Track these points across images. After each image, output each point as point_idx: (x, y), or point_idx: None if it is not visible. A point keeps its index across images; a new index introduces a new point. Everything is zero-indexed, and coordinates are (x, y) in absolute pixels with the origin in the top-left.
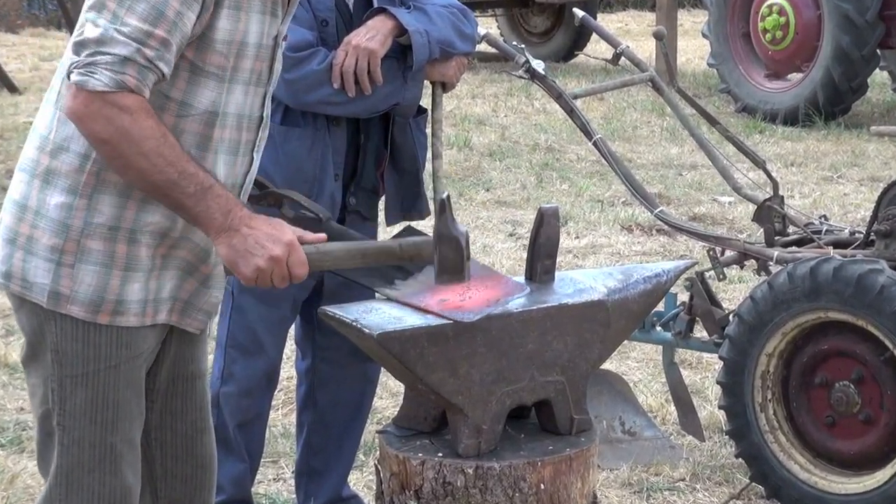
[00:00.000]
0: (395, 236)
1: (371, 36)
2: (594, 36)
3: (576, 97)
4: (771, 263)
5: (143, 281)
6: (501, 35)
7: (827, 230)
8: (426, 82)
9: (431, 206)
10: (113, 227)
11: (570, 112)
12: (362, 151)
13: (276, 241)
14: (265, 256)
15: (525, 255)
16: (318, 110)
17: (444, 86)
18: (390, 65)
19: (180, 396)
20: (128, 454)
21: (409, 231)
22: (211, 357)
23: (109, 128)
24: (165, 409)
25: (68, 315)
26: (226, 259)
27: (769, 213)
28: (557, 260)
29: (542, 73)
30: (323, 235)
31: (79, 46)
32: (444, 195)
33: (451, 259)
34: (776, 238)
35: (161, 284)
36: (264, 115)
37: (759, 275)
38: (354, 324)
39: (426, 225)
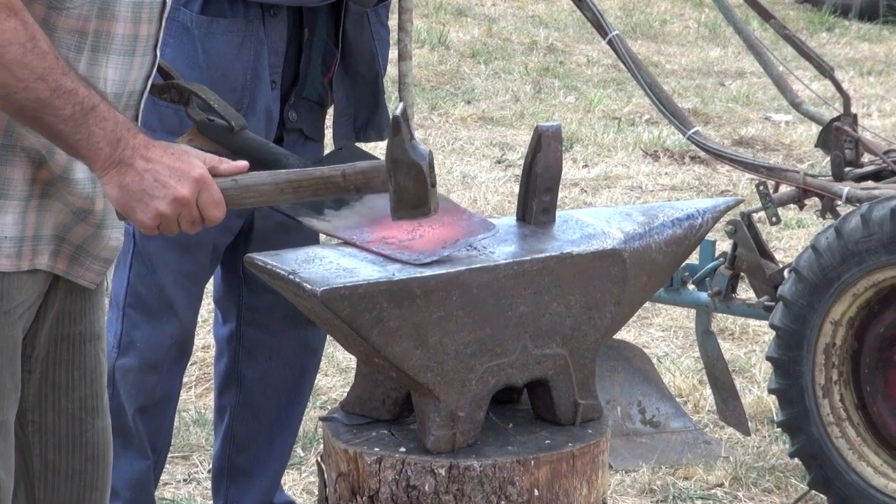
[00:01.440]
0: (327, 158)
1: None
2: None
3: None
4: (839, 203)
5: (19, 212)
6: None
7: None
8: None
9: None
10: None
11: (579, 1)
12: (306, 51)
13: (181, 176)
14: (168, 198)
15: (517, 189)
16: None
17: None
18: None
19: (65, 365)
20: None
21: (349, 152)
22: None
23: None
24: (46, 381)
25: None
26: (117, 203)
27: (838, 137)
28: (560, 195)
29: None
30: (244, 163)
31: None
32: (398, 110)
33: (411, 190)
34: (847, 170)
35: (42, 219)
36: None
37: (824, 218)
38: (292, 277)
39: (381, 149)
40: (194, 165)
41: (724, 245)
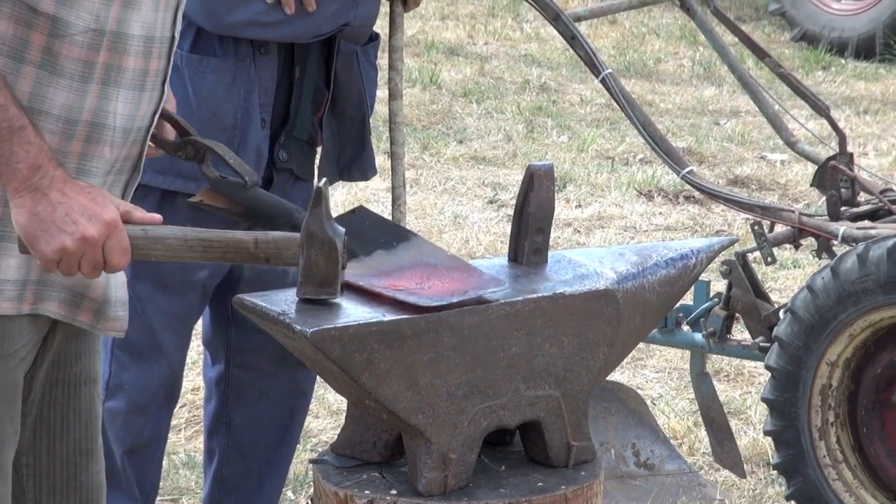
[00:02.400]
0: (340, 219)
1: None
2: None
3: (579, 19)
4: (835, 243)
5: (24, 256)
6: None
7: None
8: None
9: (386, 162)
10: None
11: (571, 39)
12: (296, 90)
13: (92, 216)
14: (76, 235)
15: (509, 229)
16: (243, 34)
17: (404, 2)
18: None
19: (60, 407)
20: None
21: (363, 215)
22: None
23: None
24: (41, 424)
25: None
26: (23, 230)
27: (834, 176)
28: (552, 236)
29: None
30: (157, 216)
31: None
32: (322, 182)
33: (321, 266)
34: (843, 209)
35: None
36: (176, 34)
37: (820, 258)
38: (282, 318)
39: (370, 189)
40: (107, 209)
41: (719, 285)
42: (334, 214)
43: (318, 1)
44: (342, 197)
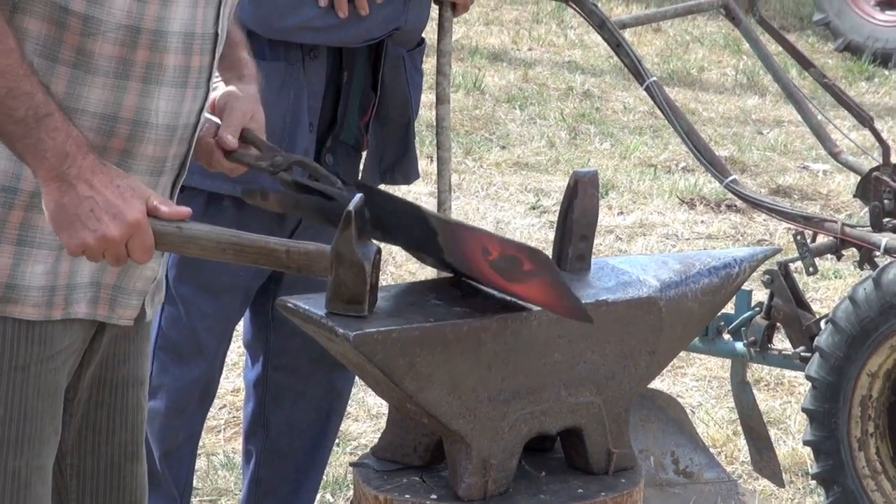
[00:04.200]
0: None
1: None
2: None
3: (624, 26)
4: (878, 254)
5: (50, 262)
6: None
7: None
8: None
9: (432, 167)
10: (6, 188)
11: (616, 47)
12: (344, 95)
13: (117, 215)
14: (98, 233)
15: (551, 236)
16: (294, 38)
17: (454, 6)
18: None
19: (106, 409)
20: (36, 485)
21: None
22: None
23: None
24: (87, 425)
25: None
26: (49, 216)
27: (877, 187)
28: (595, 242)
29: None
30: (185, 209)
31: None
32: (355, 202)
33: (349, 286)
34: (885, 220)
35: (77, 267)
36: (220, 30)
37: (862, 269)
38: (324, 321)
39: (412, 192)
40: (133, 207)
41: (761, 295)
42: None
43: (370, 5)
44: None
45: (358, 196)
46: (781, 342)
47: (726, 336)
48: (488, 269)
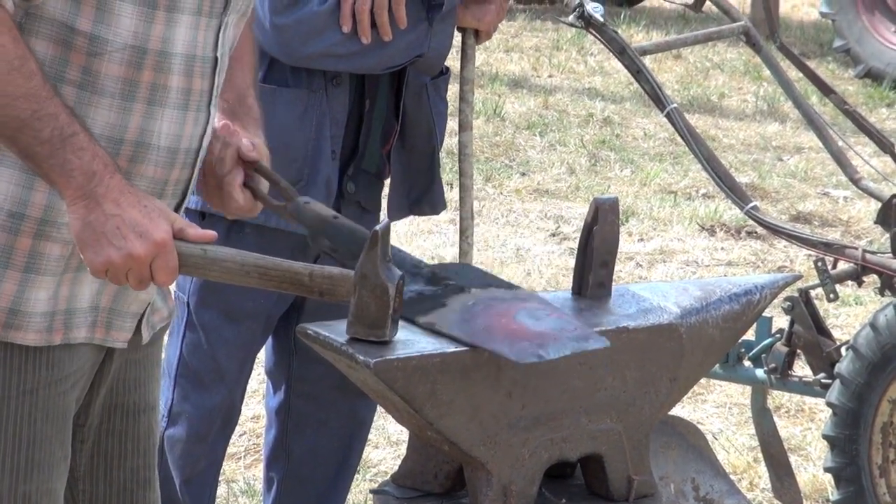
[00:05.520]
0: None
1: None
2: None
3: (644, 53)
4: None
5: (52, 288)
6: None
7: None
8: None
9: (451, 194)
10: (14, 214)
11: (637, 73)
12: (366, 122)
13: (143, 234)
14: (123, 251)
15: (572, 263)
16: (317, 65)
17: (477, 34)
18: (412, 5)
19: (118, 435)
20: None
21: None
22: None
23: None
24: (98, 451)
25: None
26: (75, 235)
27: None
28: (616, 269)
29: (601, 19)
30: (211, 233)
31: None
32: (381, 224)
33: (372, 309)
34: None
35: (75, 291)
36: (219, 55)
37: (883, 295)
38: (345, 348)
39: (432, 220)
40: (159, 227)
41: (781, 321)
42: (397, 244)
43: (393, 31)
44: (404, 227)
45: (385, 220)
46: (802, 369)
47: (747, 363)
48: None
